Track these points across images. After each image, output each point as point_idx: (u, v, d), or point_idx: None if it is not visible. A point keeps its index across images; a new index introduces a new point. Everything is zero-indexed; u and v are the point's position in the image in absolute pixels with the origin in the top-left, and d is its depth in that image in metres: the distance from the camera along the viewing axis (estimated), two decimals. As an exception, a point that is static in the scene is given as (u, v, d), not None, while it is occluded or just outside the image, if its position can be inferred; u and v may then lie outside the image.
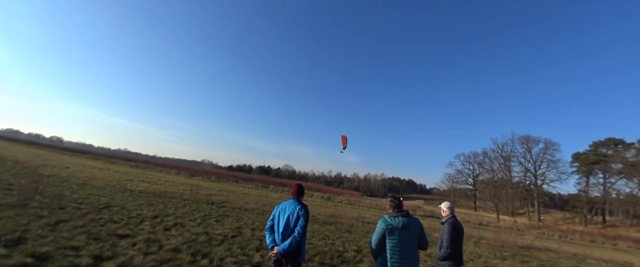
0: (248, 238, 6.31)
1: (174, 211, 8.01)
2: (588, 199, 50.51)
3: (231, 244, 5.59)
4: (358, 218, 12.69)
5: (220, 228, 6.83)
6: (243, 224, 7.78)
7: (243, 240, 6.05)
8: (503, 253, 9.34)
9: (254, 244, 5.83)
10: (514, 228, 27.20)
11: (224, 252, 4.95)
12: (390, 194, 3.18)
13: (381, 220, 2.81)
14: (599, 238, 24.33)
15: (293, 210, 2.94)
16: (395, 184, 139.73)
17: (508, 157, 53.83)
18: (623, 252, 17.62)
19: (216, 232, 6.36)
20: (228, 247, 5.34)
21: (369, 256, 6.18)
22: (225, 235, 6.15)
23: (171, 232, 5.75)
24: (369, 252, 6.53)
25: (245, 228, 7.30)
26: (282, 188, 30.03)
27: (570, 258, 10.42)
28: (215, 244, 5.35)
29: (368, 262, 5.59)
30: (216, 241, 5.58)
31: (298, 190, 3.19)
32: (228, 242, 5.66)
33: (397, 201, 2.94)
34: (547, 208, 57.35)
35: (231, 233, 6.45)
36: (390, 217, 2.79)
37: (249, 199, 14.88)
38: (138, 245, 4.55)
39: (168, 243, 4.91)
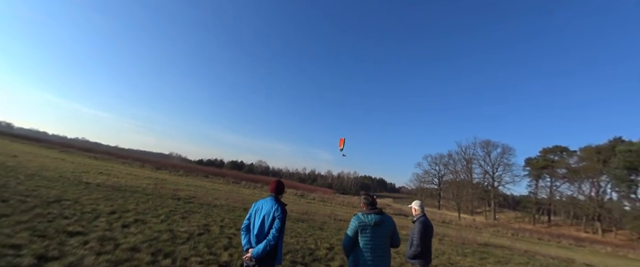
0: (216, 235, 6.01)
1: (135, 207, 7.42)
2: (537, 200, 55.92)
3: (198, 242, 5.28)
4: (331, 216, 12.76)
5: (186, 225, 6.45)
6: (211, 221, 7.42)
7: (211, 238, 5.75)
8: (465, 250, 9.92)
9: (222, 242, 5.56)
10: (473, 226, 29.20)
11: (189, 251, 4.65)
12: (363, 192, 3.16)
13: (355, 217, 2.79)
14: (546, 236, 26.96)
15: (269, 210, 2.73)
16: (367, 182, 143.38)
17: (470, 159, 57.67)
18: (565, 249, 19.66)
19: (182, 229, 5.98)
20: (194, 245, 5.03)
21: (341, 253, 6.20)
22: (191, 233, 5.80)
23: (130, 229, 5.29)
24: (340, 250, 6.55)
25: (213, 225, 6.96)
26: (255, 184, 29.39)
27: (522, 254, 11.36)
28: (179, 243, 5.01)
29: (339, 260, 5.59)
30: (181, 240, 5.23)
31: (277, 187, 2.94)
32: (194, 240, 5.34)
33: (371, 199, 2.93)
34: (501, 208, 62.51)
35: (197, 231, 6.11)
36: (363, 215, 2.78)
37: (219, 195, 14.32)
38: (90, 244, 4.10)
39: (126, 241, 4.49)
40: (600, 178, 47.31)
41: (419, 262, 3.62)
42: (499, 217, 55.98)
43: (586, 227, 47.26)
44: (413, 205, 3.92)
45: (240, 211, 10.03)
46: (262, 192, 25.00)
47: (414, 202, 3.94)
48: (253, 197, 18.23)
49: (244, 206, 11.31)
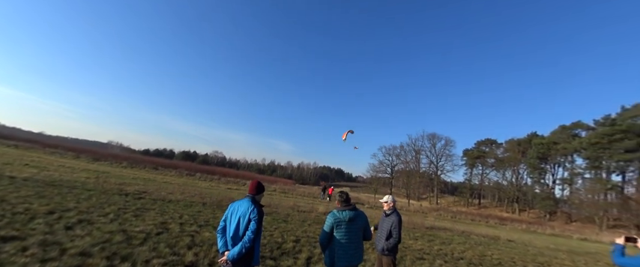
0: (177, 234, 5.70)
1: (76, 205, 6.58)
2: (471, 186, 64.24)
3: (157, 242, 4.96)
4: (294, 207, 12.92)
5: (141, 224, 5.97)
6: (168, 218, 6.97)
7: (171, 237, 5.44)
8: (415, 234, 11.02)
9: (184, 241, 5.31)
10: (420, 211, 32.32)
11: (149, 252, 4.36)
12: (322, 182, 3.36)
13: (330, 214, 2.93)
14: (477, 217, 31.21)
15: (245, 211, 2.67)
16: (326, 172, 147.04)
17: (418, 150, 63.18)
18: (492, 228, 23.06)
19: (136, 229, 5.53)
20: (154, 246, 4.72)
21: (308, 245, 6.41)
22: (147, 233, 5.41)
23: (75, 231, 4.72)
24: (307, 242, 6.76)
25: (172, 223, 6.57)
26: (212, 177, 28.01)
27: (461, 234, 13.06)
28: (136, 244, 4.65)
29: (307, 252, 5.79)
30: (138, 240, 4.86)
31: (256, 187, 2.88)
32: (152, 241, 5.00)
33: (345, 196, 3.06)
34: (443, 194, 70.21)
35: (155, 230, 5.71)
36: (338, 212, 2.92)
37: (172, 189, 13.38)
38: (31, 250, 3.59)
39: (74, 246, 4.02)
40: (519, 166, 56.00)
41: (392, 253, 3.83)
42: (441, 201, 62.80)
43: (507, 208, 55.80)
44: (386, 199, 4.01)
45: (198, 207, 9.57)
46: (219, 184, 24.02)
47: (387, 197, 4.03)
48: (211, 190, 17.45)
49: (202, 201, 10.80)
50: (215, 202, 10.83)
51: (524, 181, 56.03)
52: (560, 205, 48.92)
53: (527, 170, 54.88)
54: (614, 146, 40.75)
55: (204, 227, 6.59)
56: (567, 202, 47.78)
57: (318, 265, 5.13)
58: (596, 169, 44.79)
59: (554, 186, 52.17)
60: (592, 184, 43.94)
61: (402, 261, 6.37)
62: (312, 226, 9.10)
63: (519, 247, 12.00)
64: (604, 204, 40.57)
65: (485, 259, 8.00)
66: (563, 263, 9.21)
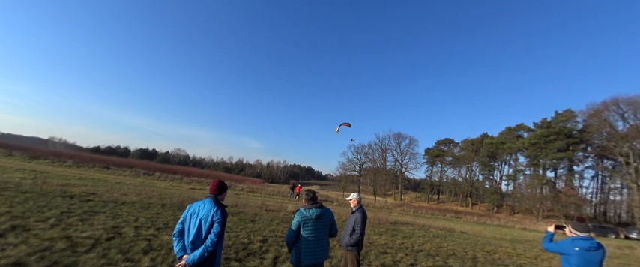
0: (131, 238, 5.29)
1: (8, 210, 5.77)
2: (431, 183, 68.81)
3: (107, 248, 4.56)
4: (262, 207, 12.69)
5: (88, 229, 5.43)
6: (122, 222, 6.43)
7: (124, 242, 5.03)
8: (380, 229, 11.52)
9: (140, 245, 4.95)
10: (386, 207, 33.77)
11: (97, 260, 4.00)
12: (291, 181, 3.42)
13: (298, 213, 2.96)
14: (436, 212, 33.52)
15: (207, 213, 2.53)
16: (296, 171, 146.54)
17: (385, 149, 65.97)
18: (449, 221, 24.95)
19: (83, 234, 5.03)
20: (103, 252, 4.34)
21: (275, 245, 6.36)
22: (96, 238, 4.94)
23: (7, 239, 4.15)
24: (274, 241, 6.71)
25: (125, 226, 6.08)
26: (173, 176, 26.30)
27: (421, 228, 13.94)
28: (82, 251, 4.23)
29: (274, 252, 5.74)
30: (84, 247, 4.42)
31: (218, 187, 2.74)
32: (102, 247, 4.59)
33: (311, 194, 3.13)
34: (406, 190, 74.34)
35: (105, 235, 5.24)
36: (305, 210, 2.96)
37: (127, 190, 12.34)
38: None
39: (5, 255, 3.54)
40: (473, 164, 61.26)
41: (356, 248, 3.98)
42: (405, 197, 66.36)
43: (462, 202, 60.78)
44: (351, 197, 4.14)
45: (157, 208, 8.96)
46: (182, 184, 22.68)
47: (353, 194, 4.16)
48: (171, 191, 16.42)
49: (162, 202, 10.13)
50: (176, 203, 10.23)
51: (477, 177, 61.58)
52: (506, 198, 54.63)
53: (479, 167, 60.35)
54: (549, 146, 46.54)
55: (163, 230, 6.21)
56: (511, 196, 53.50)
57: (285, 264, 5.13)
58: (534, 166, 50.75)
59: (501, 182, 58.12)
60: (531, 179, 49.75)
61: (366, 256, 6.62)
62: (281, 225, 9.04)
63: (471, 237, 13.16)
64: (540, 197, 46.17)
65: (441, 250, 8.65)
66: (506, 251, 10.30)
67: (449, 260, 7.38)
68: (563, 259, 3.18)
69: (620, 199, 43.46)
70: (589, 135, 44.43)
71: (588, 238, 3.08)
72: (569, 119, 47.23)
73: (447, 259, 7.44)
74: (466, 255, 8.53)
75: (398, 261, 6.54)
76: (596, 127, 43.01)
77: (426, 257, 7.40)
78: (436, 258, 7.43)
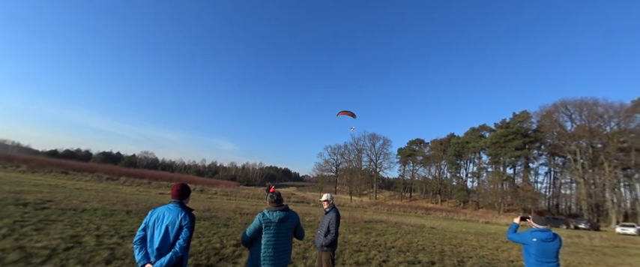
0: (92, 248, 4.96)
1: (-60, 224, 5.12)
2: (403, 181, 71.52)
3: (66, 259, 4.24)
4: (236, 210, 12.41)
5: (44, 239, 5.01)
6: (82, 231, 5.99)
7: (85, 252, 4.71)
8: (355, 228, 11.80)
9: (102, 255, 4.66)
10: (361, 206, 34.54)
11: (54, 272, 3.72)
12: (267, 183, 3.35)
13: (260, 214, 2.83)
14: (408, 209, 34.94)
15: (174, 218, 2.42)
16: (272, 172, 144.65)
17: (360, 149, 67.53)
18: (419, 217, 26.12)
19: (38, 245, 4.63)
20: (61, 263, 4.04)
21: (249, 247, 6.29)
22: (53, 248, 4.58)
23: (-61, 257, 3.70)
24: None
25: (86, 235, 5.67)
26: (140, 181, 24.77)
27: (394, 225, 14.47)
28: (37, 263, 3.92)
29: (247, 256, 5.68)
30: (40, 258, 4.09)
31: (181, 191, 2.62)
32: (59, 257, 4.26)
33: (276, 196, 2.96)
34: (381, 189, 76.52)
35: (63, 244, 4.87)
36: (268, 212, 2.82)
37: (88, 196, 11.46)
38: None
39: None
40: (441, 162, 64.67)
41: (331, 248, 4.03)
42: (379, 196, 68.23)
43: (432, 199, 63.84)
44: (325, 197, 4.18)
45: (121, 215, 8.45)
46: (150, 189, 21.46)
47: (325, 195, 4.21)
48: (138, 196, 15.50)
49: (126, 208, 9.55)
50: (143, 209, 9.70)
51: (445, 175, 65.07)
52: (471, 194, 58.34)
53: (447, 166, 63.88)
54: (508, 145, 50.52)
55: (128, 238, 5.87)
56: (476, 192, 57.25)
57: (259, 267, 5.10)
58: (495, 164, 54.78)
59: (467, 179, 62.00)
60: (493, 176, 53.66)
61: (341, 255, 6.77)
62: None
63: (439, 232, 13.93)
64: (501, 192, 49.94)
65: (412, 246, 9.08)
66: (471, 243, 11.05)
67: (419, 255, 7.76)
68: (524, 249, 3.51)
69: (570, 192, 48.43)
70: (542, 134, 49.06)
71: (546, 230, 3.41)
72: (524, 120, 51.72)
73: (417, 254, 7.83)
74: (434, 249, 9.03)
75: (371, 258, 6.77)
76: (548, 127, 47.60)
77: (398, 253, 7.74)
78: (407, 253, 7.79)
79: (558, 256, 3.36)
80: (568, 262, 9.30)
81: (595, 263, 10.08)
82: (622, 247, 15.55)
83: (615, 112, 40.58)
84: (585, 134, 41.26)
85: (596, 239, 17.35)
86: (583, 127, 42.14)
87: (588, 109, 42.48)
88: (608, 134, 40.33)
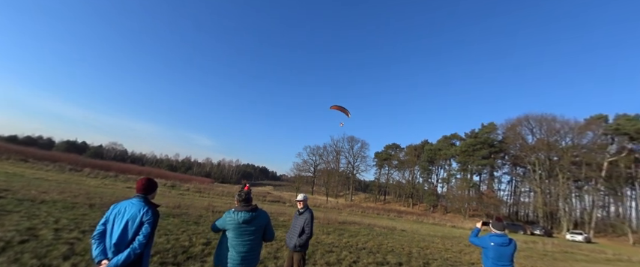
0: (49, 242, 4.69)
1: None
2: (379, 184, 73.31)
3: (20, 252, 3.99)
4: (208, 208, 12.12)
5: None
6: (39, 223, 5.62)
7: (41, 246, 4.44)
8: (328, 228, 11.99)
9: (60, 249, 4.42)
10: (336, 207, 34.95)
11: (7, 265, 3.52)
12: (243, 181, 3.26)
13: (226, 213, 2.75)
14: (382, 211, 35.90)
15: (135, 213, 2.32)
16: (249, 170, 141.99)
17: (339, 151, 68.38)
18: (392, 220, 26.96)
19: (-12, 238, 4.30)
20: (15, 257, 3.81)
21: (220, 245, 6.21)
22: (7, 241, 4.30)
23: None
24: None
25: (43, 228, 5.34)
26: (106, 173, 23.31)
27: (367, 227, 14.87)
28: (-14, 258, 3.64)
29: (218, 252, 5.62)
30: (-12, 254, 3.80)
31: (146, 185, 2.52)
32: (13, 251, 4.00)
33: (244, 195, 2.81)
34: (356, 191, 77.83)
35: (18, 237, 4.57)
36: (234, 212, 2.70)
37: (48, 187, 10.68)
38: None
39: None
40: (415, 167, 67.12)
41: (303, 249, 4.09)
42: (355, 198, 69.37)
43: (405, 202, 66.02)
44: (300, 198, 4.24)
45: (83, 209, 7.99)
46: (116, 182, 20.28)
47: (300, 195, 4.28)
48: (103, 189, 14.67)
49: (89, 202, 9.02)
50: (107, 203, 9.20)
51: (418, 180, 67.64)
52: (441, 199, 61.11)
53: (420, 171, 66.48)
54: (476, 154, 53.60)
55: (89, 233, 5.59)
56: (445, 197, 60.08)
57: None
58: (464, 171, 57.87)
59: (437, 184, 64.95)
60: (461, 182, 56.67)
61: (312, 255, 6.89)
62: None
63: (409, 235, 14.52)
64: (467, 198, 52.84)
65: (382, 248, 9.41)
66: (437, 246, 11.66)
67: (388, 256, 8.08)
68: (483, 252, 3.84)
69: (528, 200, 52.28)
70: (506, 145, 52.65)
71: (502, 235, 3.74)
72: (491, 131, 55.24)
73: (386, 256, 8.15)
74: (403, 251, 9.44)
75: (342, 259, 6.95)
76: (511, 139, 51.15)
77: (368, 254, 8.00)
78: (377, 255, 8.08)
79: (513, 260, 3.70)
80: (523, 266, 10.13)
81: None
82: (570, 252, 17.13)
83: (570, 129, 44.49)
84: (544, 147, 44.84)
85: (548, 245, 18.96)
86: (542, 141, 45.74)
87: (547, 124, 46.17)
88: (563, 148, 44.10)
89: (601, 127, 42.28)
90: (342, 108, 12.20)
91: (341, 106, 12.10)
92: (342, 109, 12.33)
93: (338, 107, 12.11)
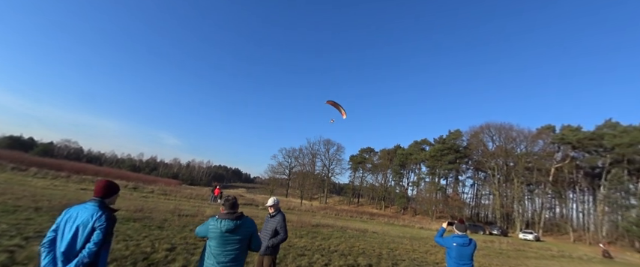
0: (-18, 252, 4.13)
1: None
2: (353, 187, 74.64)
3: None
4: (174, 211, 11.44)
5: None
6: (-31, 232, 4.93)
7: (-29, 257, 3.90)
8: (301, 231, 11.91)
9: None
10: (311, 210, 34.89)
11: None
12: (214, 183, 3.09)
13: (210, 219, 2.63)
14: (355, 214, 36.49)
15: (87, 219, 2.14)
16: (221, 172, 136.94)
17: (315, 154, 68.58)
18: (364, 222, 27.49)
19: None
20: None
21: (185, 253, 5.89)
22: None
23: None
24: (184, 249, 6.19)
25: (-26, 238, 4.69)
26: (57, 173, 21.11)
27: (339, 230, 15.00)
28: None
29: (182, 261, 5.30)
30: None
31: (104, 188, 2.35)
32: None
33: (232, 201, 2.68)
34: (331, 194, 78.44)
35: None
36: (216, 220, 2.55)
37: (-20, 190, 9.40)
38: None
39: None
40: (387, 171, 69.34)
41: (273, 252, 4.04)
42: (329, 201, 69.74)
43: (377, 205, 67.79)
44: (271, 202, 4.20)
45: (28, 212, 7.18)
46: (68, 184, 18.47)
47: (271, 200, 4.24)
48: (53, 191, 13.29)
49: (35, 205, 8.12)
50: (57, 206, 8.36)
51: (390, 183, 69.87)
52: (410, 202, 63.67)
53: (392, 174, 68.77)
54: (443, 159, 56.72)
55: (33, 240, 5.03)
56: (415, 199, 62.72)
57: (193, 275, 4.84)
58: (432, 175, 60.92)
59: (408, 187, 67.60)
60: (429, 186, 59.57)
61: (284, 259, 6.80)
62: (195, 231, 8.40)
63: (380, 237, 14.90)
64: (435, 200, 55.64)
65: (353, 250, 9.55)
66: (405, 247, 12.08)
67: (358, 258, 8.22)
68: (446, 252, 4.12)
69: (488, 203, 56.34)
70: (470, 151, 56.45)
71: (464, 236, 4.03)
72: (457, 137, 58.94)
73: (357, 258, 8.28)
74: (373, 253, 9.66)
75: (313, 262, 6.94)
76: (474, 145, 54.98)
77: (340, 257, 8.07)
78: (348, 257, 8.18)
79: (472, 259, 4.00)
80: (481, 264, 10.84)
81: (501, 264, 11.93)
82: (522, 250, 18.70)
83: (524, 137, 48.96)
84: (502, 154, 48.80)
85: (504, 244, 20.54)
86: (501, 148, 49.75)
87: (505, 132, 50.38)
88: (518, 155, 48.31)
89: (549, 137, 47.14)
90: (338, 106, 11.61)
91: (338, 103, 11.52)
92: (337, 107, 11.73)
93: (334, 104, 11.49)
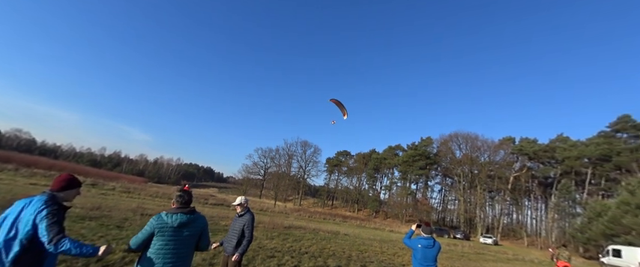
0: None
1: None
2: (328, 189, 75.15)
3: None
4: (137, 210, 10.72)
5: None
6: None
7: None
8: (273, 233, 11.72)
9: None
10: (284, 212, 34.49)
11: None
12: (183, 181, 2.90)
13: (156, 216, 2.41)
14: (328, 216, 36.71)
15: (29, 213, 1.95)
16: (191, 170, 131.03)
17: (291, 155, 68.05)
18: (337, 225, 27.74)
19: None
20: None
21: (146, 253, 5.54)
22: None
23: None
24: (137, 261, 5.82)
25: None
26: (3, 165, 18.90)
27: (312, 232, 14.97)
28: None
29: (142, 261, 4.99)
30: None
31: (61, 181, 2.17)
32: None
33: (186, 196, 2.54)
34: (306, 196, 78.29)
35: None
36: (167, 214, 2.40)
37: None
38: None
39: None
40: (362, 174, 70.77)
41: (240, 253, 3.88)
42: (303, 203, 69.49)
43: (350, 208, 68.79)
44: (239, 201, 4.04)
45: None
46: (16, 177, 16.63)
47: (239, 199, 4.07)
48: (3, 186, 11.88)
49: None
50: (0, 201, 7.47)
51: (364, 186, 71.31)
52: (382, 205, 65.41)
53: (366, 178, 70.30)
54: (415, 164, 59.10)
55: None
56: (386, 203, 64.55)
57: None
58: (404, 179, 63.20)
59: (381, 191, 69.50)
60: (400, 190, 61.69)
61: (252, 260, 6.64)
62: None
63: (351, 239, 15.10)
64: (405, 204, 57.69)
65: (324, 252, 9.57)
66: (374, 249, 12.35)
67: (328, 260, 8.25)
68: (412, 254, 4.30)
69: (454, 208, 59.52)
70: (439, 158, 59.41)
71: (429, 238, 4.20)
72: (428, 144, 61.83)
73: (327, 260, 8.31)
74: (343, 254, 9.75)
75: (283, 264, 6.86)
76: (443, 153, 57.99)
77: (310, 259, 8.05)
78: (318, 259, 8.18)
79: (436, 260, 4.19)
80: (444, 266, 11.39)
81: (462, 266, 12.62)
82: (482, 253, 19.95)
83: (488, 147, 52.55)
84: (467, 162, 51.99)
85: (466, 247, 21.79)
86: (467, 156, 52.95)
87: (471, 141, 53.75)
88: (482, 163, 51.75)
89: (510, 147, 51.08)
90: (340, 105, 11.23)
91: (341, 103, 11.11)
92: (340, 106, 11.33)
93: (337, 102, 11.11)
